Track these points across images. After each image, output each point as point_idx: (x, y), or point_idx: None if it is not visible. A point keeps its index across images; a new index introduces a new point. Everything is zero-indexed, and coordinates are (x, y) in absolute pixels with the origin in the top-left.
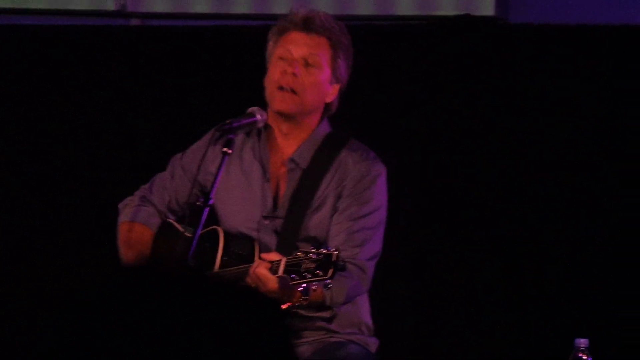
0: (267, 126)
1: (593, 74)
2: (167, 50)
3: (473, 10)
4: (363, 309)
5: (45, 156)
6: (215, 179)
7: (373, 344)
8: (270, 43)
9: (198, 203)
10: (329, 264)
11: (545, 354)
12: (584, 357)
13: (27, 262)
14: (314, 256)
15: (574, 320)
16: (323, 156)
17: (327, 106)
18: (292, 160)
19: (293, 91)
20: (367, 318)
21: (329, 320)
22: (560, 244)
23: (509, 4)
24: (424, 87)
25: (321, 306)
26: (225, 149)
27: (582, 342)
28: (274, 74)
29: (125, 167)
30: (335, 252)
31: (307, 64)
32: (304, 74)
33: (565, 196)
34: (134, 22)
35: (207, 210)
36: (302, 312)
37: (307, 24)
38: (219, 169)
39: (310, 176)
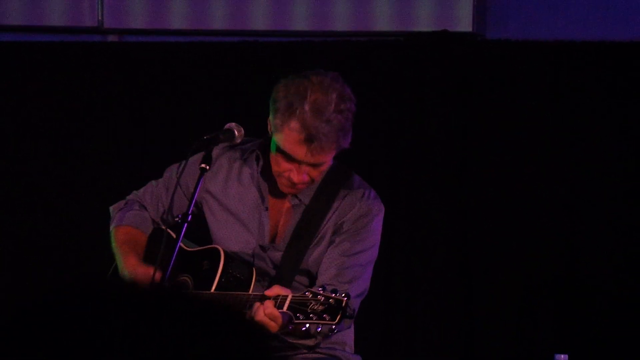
0: (266, 152)
1: (569, 88)
2: (144, 66)
3: (451, 26)
4: (347, 332)
5: (20, 169)
6: (192, 195)
7: None
8: (277, 118)
9: (176, 219)
10: (337, 310)
11: None
12: None
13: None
14: (323, 299)
15: (553, 336)
16: (326, 192)
17: None
18: (295, 196)
19: (304, 183)
20: (350, 340)
21: (312, 348)
22: (540, 260)
23: (487, 21)
24: (401, 103)
25: (305, 335)
26: (203, 165)
27: (562, 358)
28: (280, 163)
29: (103, 180)
30: (345, 299)
31: (315, 166)
32: (312, 173)
33: (545, 211)
34: (112, 38)
35: (185, 226)
36: (287, 338)
37: (312, 140)
38: (196, 185)
39: (313, 212)
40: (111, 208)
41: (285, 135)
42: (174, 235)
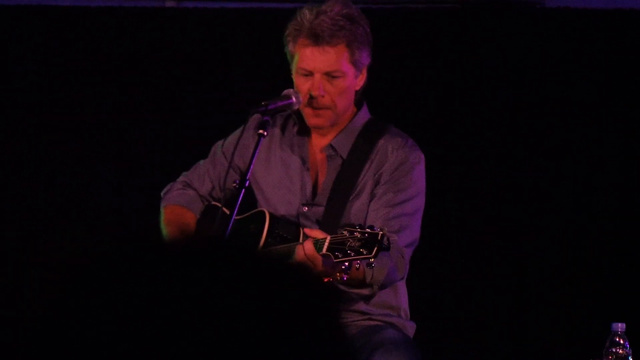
0: (301, 116)
1: (630, 59)
2: (202, 32)
3: None
4: (402, 295)
5: (76, 138)
6: (251, 160)
7: (411, 327)
8: (290, 45)
9: (234, 185)
10: (374, 243)
11: (583, 338)
12: (621, 341)
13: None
14: (359, 235)
15: (610, 305)
16: (362, 144)
17: (357, 92)
18: (330, 146)
19: (325, 107)
20: (405, 305)
21: (368, 298)
22: (594, 228)
23: None
24: (457, 72)
25: (361, 284)
26: (260, 131)
27: (619, 327)
28: (301, 86)
29: (162, 151)
30: (381, 232)
31: (329, 77)
32: (329, 88)
33: (598, 188)
34: (170, 3)
35: (243, 191)
36: (341, 287)
37: (317, 38)
38: (254, 150)
39: (351, 165)
40: (162, 192)
41: (299, 52)
42: (222, 210)
